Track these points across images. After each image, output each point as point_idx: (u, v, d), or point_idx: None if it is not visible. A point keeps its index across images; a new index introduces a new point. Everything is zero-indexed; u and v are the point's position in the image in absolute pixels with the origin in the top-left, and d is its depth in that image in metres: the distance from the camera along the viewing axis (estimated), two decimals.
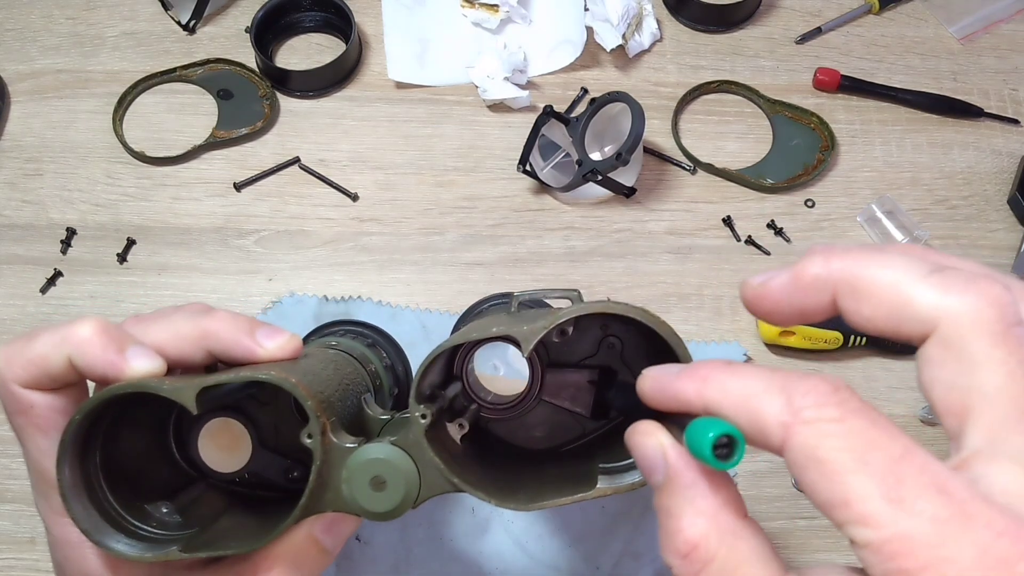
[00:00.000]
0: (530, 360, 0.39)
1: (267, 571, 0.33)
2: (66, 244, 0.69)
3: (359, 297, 0.67)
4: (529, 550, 0.59)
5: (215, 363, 0.35)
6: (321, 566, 0.34)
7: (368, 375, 0.46)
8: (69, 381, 0.33)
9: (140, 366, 0.32)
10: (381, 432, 0.35)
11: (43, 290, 0.68)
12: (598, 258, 0.70)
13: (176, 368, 0.34)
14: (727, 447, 0.23)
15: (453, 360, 0.40)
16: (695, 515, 0.24)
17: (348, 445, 0.32)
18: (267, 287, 0.68)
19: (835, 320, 0.67)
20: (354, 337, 0.58)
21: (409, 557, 0.58)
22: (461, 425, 0.36)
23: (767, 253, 0.70)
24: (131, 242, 0.69)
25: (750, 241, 0.71)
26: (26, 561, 0.59)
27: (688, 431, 0.24)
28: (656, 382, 0.27)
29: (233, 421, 0.37)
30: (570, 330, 0.36)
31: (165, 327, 0.34)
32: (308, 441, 0.32)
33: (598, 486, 0.31)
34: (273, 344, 0.34)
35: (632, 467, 0.32)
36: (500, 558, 0.58)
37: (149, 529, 0.33)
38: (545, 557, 0.59)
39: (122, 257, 0.69)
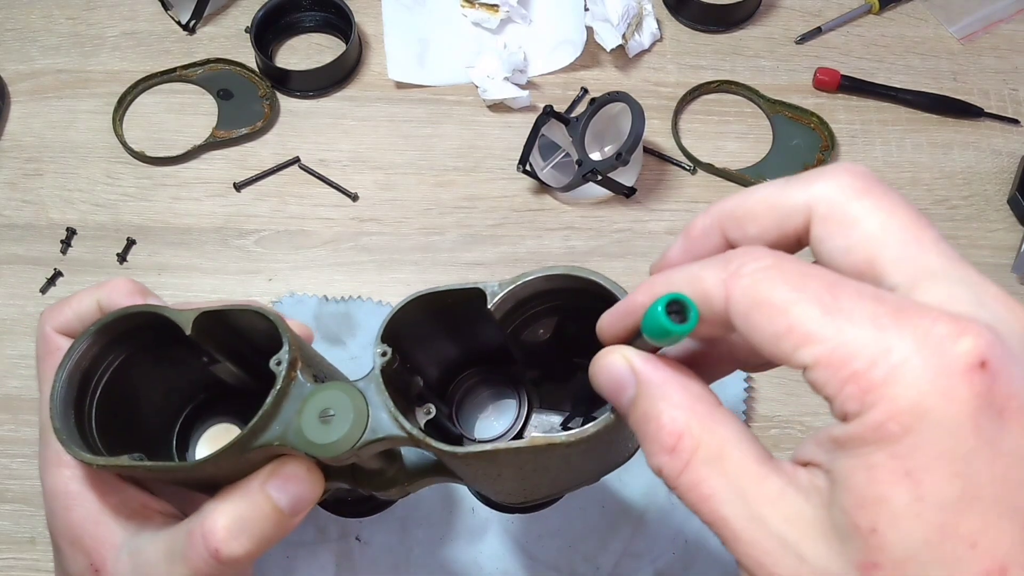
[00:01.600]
0: (519, 402, 0.39)
1: (215, 519, 0.33)
2: (66, 244, 0.69)
3: (359, 297, 0.67)
4: (529, 550, 0.59)
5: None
6: (276, 527, 0.33)
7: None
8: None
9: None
10: None
11: (43, 290, 0.68)
12: (598, 258, 0.70)
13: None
14: (679, 312, 0.24)
15: (449, 383, 0.40)
16: (673, 409, 0.25)
17: (309, 384, 0.33)
18: (267, 287, 0.68)
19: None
20: None
21: (409, 557, 0.58)
22: (428, 412, 0.35)
23: None
24: (131, 242, 0.69)
25: None
26: (26, 561, 0.59)
27: (644, 319, 0.25)
28: (613, 311, 0.28)
29: (234, 427, 0.38)
30: (548, 333, 0.36)
31: (202, 303, 0.37)
32: (275, 367, 0.32)
33: (531, 436, 0.31)
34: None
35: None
36: (500, 558, 0.58)
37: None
38: (545, 557, 0.59)
39: (122, 257, 0.69)
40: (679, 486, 0.24)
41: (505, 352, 0.37)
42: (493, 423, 0.40)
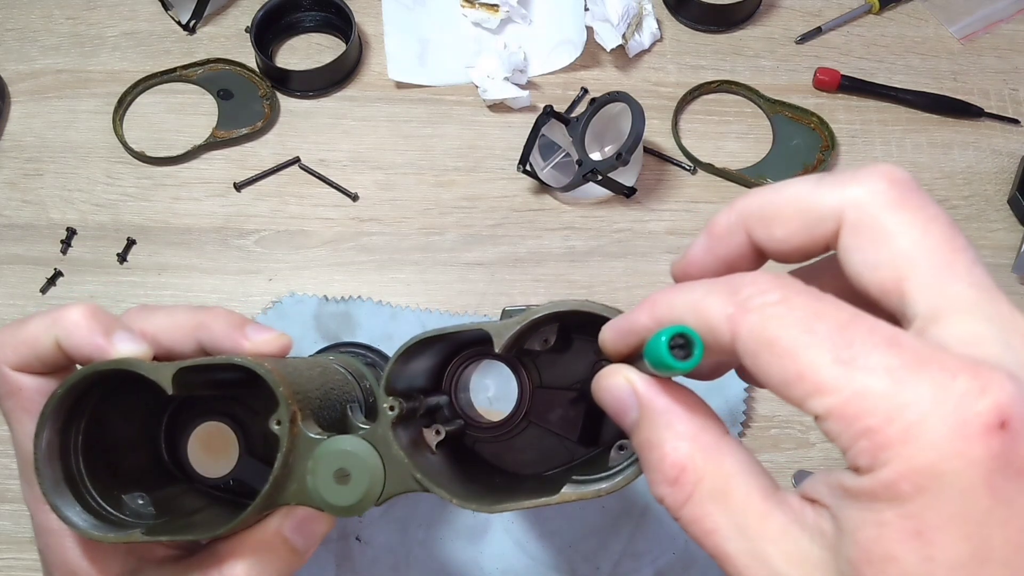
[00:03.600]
0: (520, 380, 0.39)
1: (232, 564, 0.32)
2: (66, 244, 0.69)
3: (359, 297, 0.67)
4: (529, 550, 0.59)
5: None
6: (290, 566, 0.33)
7: (362, 391, 0.46)
8: (58, 364, 0.34)
9: (125, 349, 0.32)
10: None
11: (43, 290, 0.68)
12: (598, 258, 0.70)
13: (168, 358, 0.34)
14: (684, 347, 0.23)
15: (441, 373, 0.39)
16: (676, 439, 0.24)
17: (316, 436, 0.32)
18: (267, 287, 0.68)
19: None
20: (354, 356, 0.58)
21: (409, 558, 0.58)
22: (438, 432, 0.35)
23: None
24: (131, 242, 0.69)
25: None
26: (26, 561, 0.59)
27: (646, 348, 0.24)
28: (613, 326, 0.27)
29: (223, 426, 0.37)
30: (552, 339, 0.35)
31: (164, 316, 0.35)
32: (276, 427, 0.32)
33: (563, 491, 0.31)
34: (259, 338, 0.34)
35: (602, 479, 0.31)
36: (500, 558, 0.58)
37: (120, 516, 0.33)
38: (545, 557, 0.59)
39: (122, 257, 0.69)
40: (681, 518, 0.24)
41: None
42: (495, 402, 0.40)
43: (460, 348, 0.39)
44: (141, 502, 0.34)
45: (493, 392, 0.41)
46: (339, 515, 0.32)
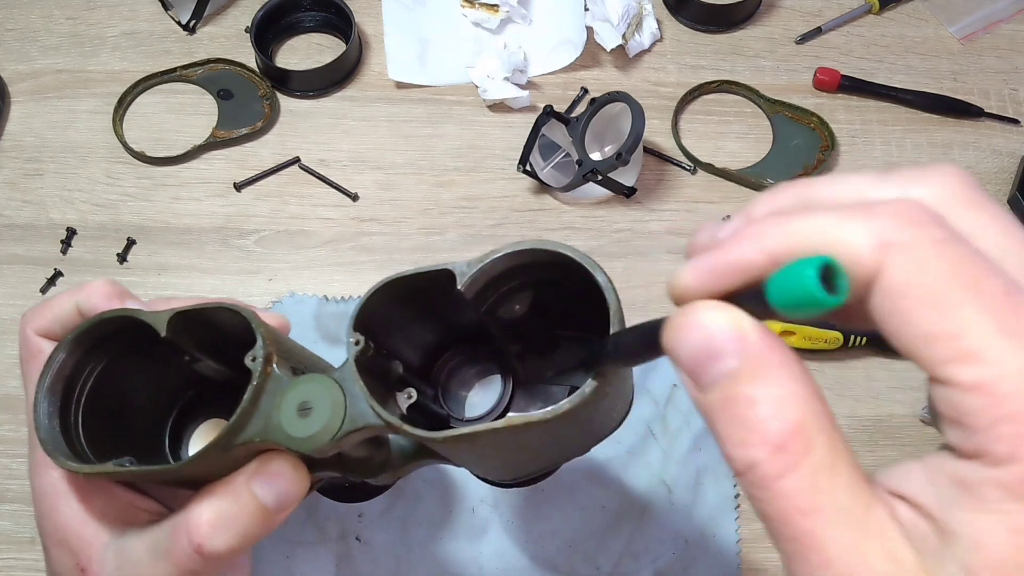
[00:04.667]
0: (504, 379, 0.39)
1: (199, 516, 0.32)
2: (66, 244, 0.69)
3: (359, 297, 0.67)
4: (529, 550, 0.59)
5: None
6: (260, 524, 0.33)
7: None
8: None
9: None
10: None
11: (43, 290, 0.68)
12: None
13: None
14: (827, 280, 0.19)
15: (433, 362, 0.39)
16: (789, 400, 0.20)
17: (287, 378, 0.33)
18: (267, 287, 0.68)
19: (836, 320, 0.67)
20: None
21: (409, 557, 0.58)
22: (410, 396, 0.35)
23: None
24: (131, 242, 0.69)
25: None
26: (26, 561, 0.59)
27: (772, 285, 0.19)
28: (702, 266, 0.22)
29: (224, 423, 0.38)
30: (524, 307, 0.35)
31: (175, 302, 0.37)
32: (250, 363, 0.32)
33: (508, 415, 0.31)
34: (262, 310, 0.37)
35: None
36: (500, 558, 0.58)
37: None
38: (545, 557, 0.59)
39: (122, 257, 0.69)
40: (773, 490, 0.20)
41: (485, 330, 0.37)
42: (480, 401, 0.40)
43: (453, 340, 0.39)
44: (129, 464, 0.35)
45: (479, 399, 0.41)
46: (299, 449, 0.32)
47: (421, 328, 0.38)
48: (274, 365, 0.33)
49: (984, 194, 0.21)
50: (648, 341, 0.24)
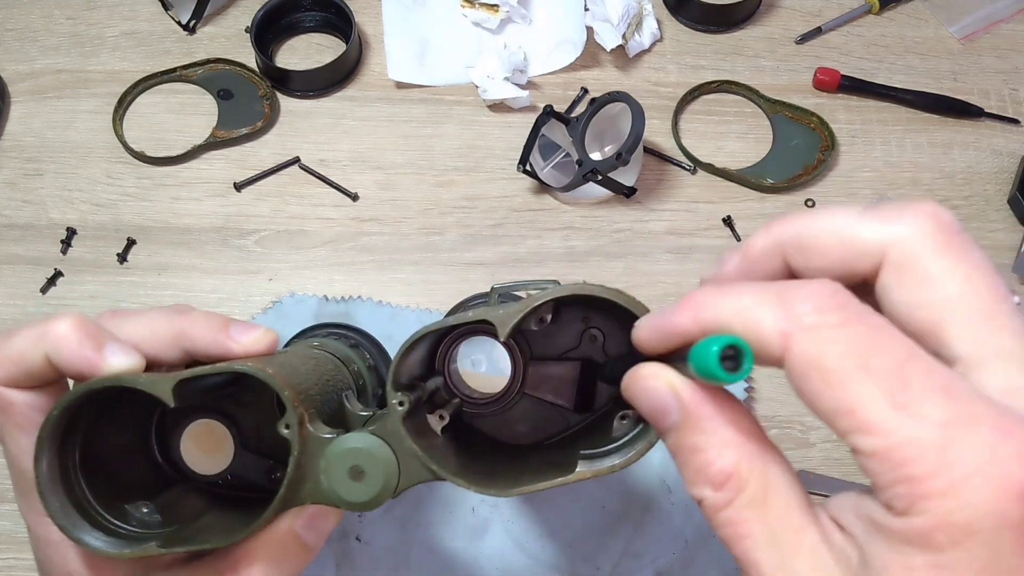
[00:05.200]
0: (512, 354, 0.39)
1: (247, 567, 0.32)
2: (66, 244, 0.69)
3: (359, 297, 0.67)
4: (529, 550, 0.59)
5: (193, 362, 0.35)
6: (302, 562, 0.33)
7: (351, 375, 0.46)
8: (48, 379, 0.33)
9: (117, 363, 0.32)
10: (363, 427, 0.35)
11: (43, 290, 0.68)
12: (598, 258, 0.70)
13: (153, 367, 0.34)
14: (733, 359, 0.22)
15: (435, 355, 0.40)
16: (723, 446, 0.24)
17: (326, 435, 0.32)
18: (267, 287, 0.68)
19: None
20: (337, 338, 0.58)
21: (409, 558, 0.58)
22: (441, 416, 0.35)
23: None
24: (131, 242, 0.69)
25: None
26: (26, 561, 0.59)
27: (692, 354, 0.23)
28: (651, 324, 0.27)
29: (215, 423, 0.37)
30: (548, 317, 0.35)
31: (141, 324, 0.34)
32: (285, 431, 0.32)
33: (577, 470, 0.31)
34: (247, 339, 0.34)
35: (612, 452, 0.31)
36: (500, 558, 0.58)
37: (128, 528, 0.33)
38: (545, 557, 0.59)
39: (122, 257, 0.69)
40: (716, 521, 0.24)
41: None
42: (490, 378, 0.40)
43: (452, 330, 0.39)
44: (146, 510, 0.34)
45: (485, 367, 0.41)
46: (357, 511, 0.32)
47: (430, 344, 0.38)
48: (308, 426, 0.32)
49: (958, 236, 0.23)
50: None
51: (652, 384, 0.26)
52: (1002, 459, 0.19)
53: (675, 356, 0.26)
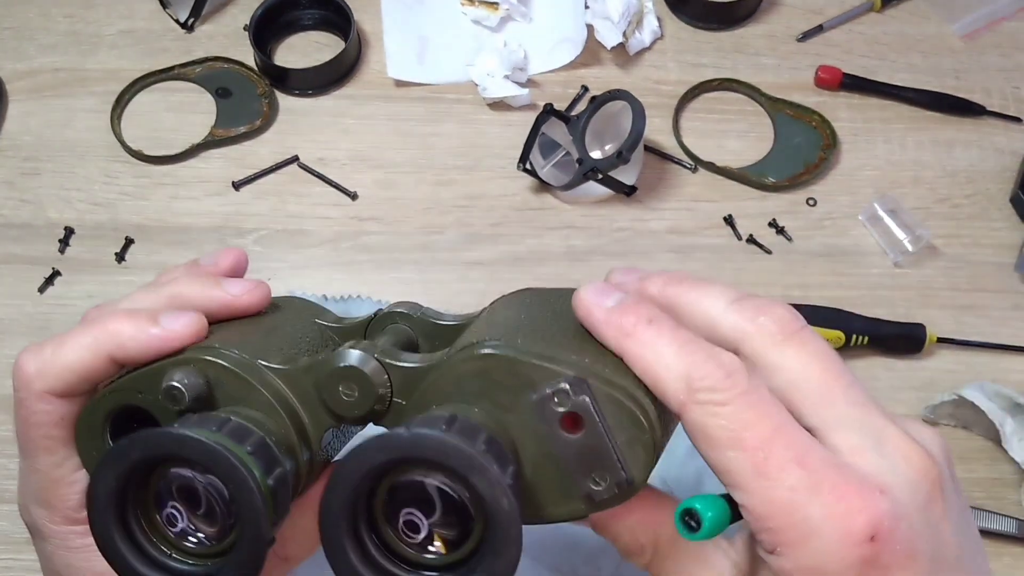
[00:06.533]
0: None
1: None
2: (64, 243, 0.69)
3: (359, 296, 0.66)
4: (529, 550, 0.59)
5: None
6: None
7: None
8: (103, 381, 0.33)
9: (183, 330, 0.32)
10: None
11: (41, 289, 0.67)
12: (599, 257, 0.70)
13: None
14: (694, 518, 0.27)
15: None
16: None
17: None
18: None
19: (837, 319, 0.67)
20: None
21: None
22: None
23: (768, 252, 0.70)
24: (129, 241, 0.69)
25: (751, 240, 0.70)
26: (25, 561, 0.59)
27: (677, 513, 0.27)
28: (586, 309, 0.30)
29: None
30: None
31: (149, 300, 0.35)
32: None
33: None
34: (237, 290, 0.36)
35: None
36: None
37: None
38: (545, 557, 0.58)
39: (120, 256, 0.69)
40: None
41: None
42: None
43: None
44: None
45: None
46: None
47: None
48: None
49: (797, 333, 0.28)
50: None
51: (632, 522, 0.31)
52: (840, 515, 0.25)
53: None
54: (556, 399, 0.28)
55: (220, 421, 0.30)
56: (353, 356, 0.31)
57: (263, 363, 0.32)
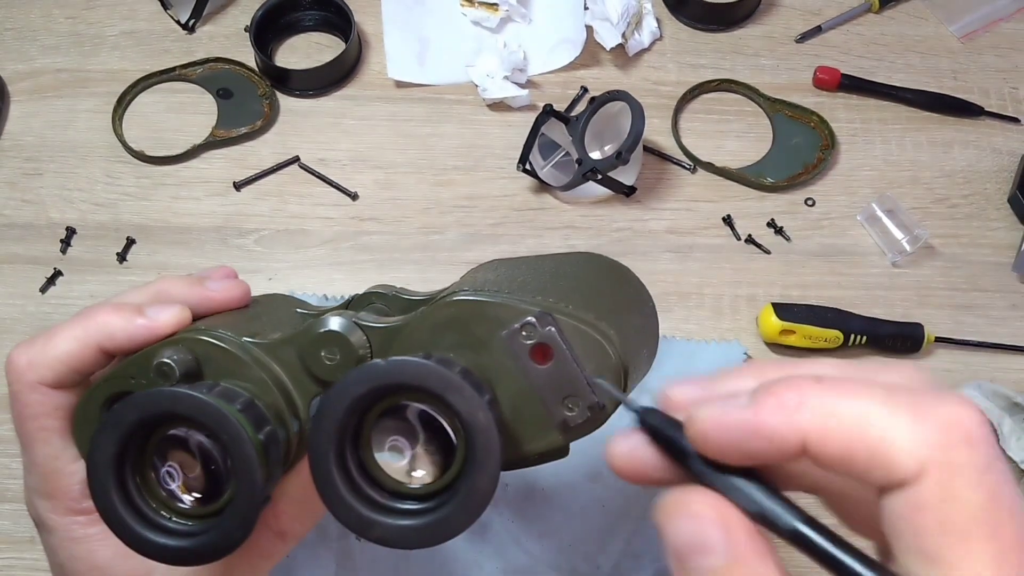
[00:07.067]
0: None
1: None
2: (66, 243, 0.69)
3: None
4: (529, 550, 0.59)
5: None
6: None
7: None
8: (94, 372, 0.34)
9: (166, 317, 0.34)
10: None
11: (43, 289, 0.68)
12: None
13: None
14: None
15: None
16: None
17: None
18: (267, 286, 0.68)
19: (836, 319, 0.67)
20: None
21: (409, 557, 0.58)
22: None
23: (767, 252, 0.70)
24: (131, 241, 0.69)
25: (750, 240, 0.71)
26: (26, 560, 0.59)
27: None
28: (723, 420, 0.21)
29: None
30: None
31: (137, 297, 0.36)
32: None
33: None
34: (220, 285, 0.37)
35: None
36: (500, 558, 0.58)
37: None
38: (545, 557, 0.59)
39: (122, 256, 0.69)
40: None
41: None
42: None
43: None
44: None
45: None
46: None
47: None
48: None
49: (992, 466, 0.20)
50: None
51: (700, 510, 0.21)
52: None
53: (740, 472, 0.21)
54: (524, 332, 0.30)
55: (209, 386, 0.31)
56: (333, 321, 0.33)
57: (248, 339, 0.33)
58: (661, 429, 0.23)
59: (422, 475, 0.29)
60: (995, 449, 0.19)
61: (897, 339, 0.65)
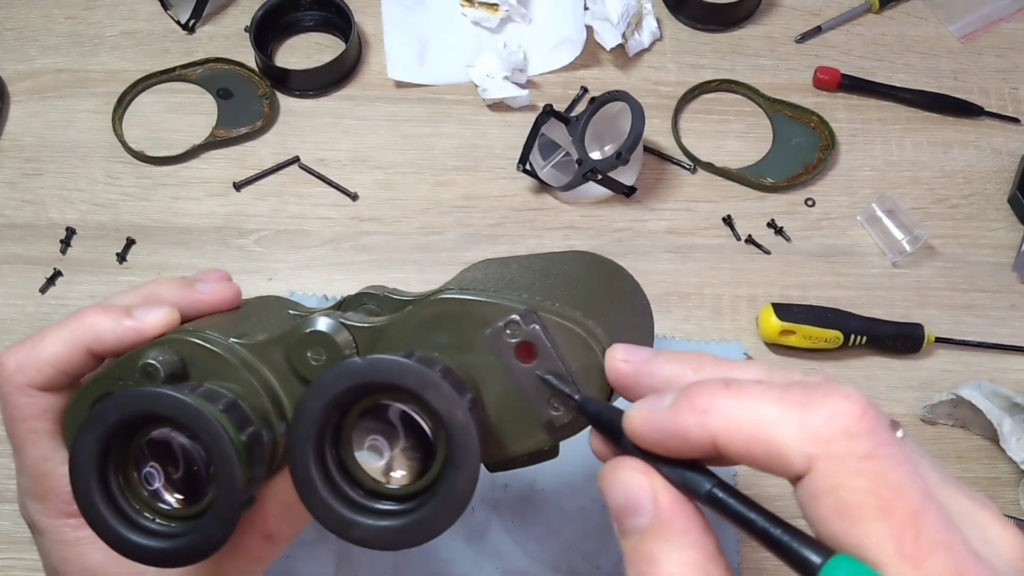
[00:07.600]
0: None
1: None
2: (65, 244, 0.69)
3: None
4: (529, 550, 0.59)
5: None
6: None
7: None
8: (83, 374, 0.34)
9: (154, 319, 0.34)
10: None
11: (43, 290, 0.68)
12: None
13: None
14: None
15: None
16: (684, 564, 0.23)
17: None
18: (267, 287, 0.68)
19: (836, 319, 0.67)
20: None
21: (408, 557, 0.58)
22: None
23: (767, 252, 0.70)
24: (131, 242, 0.69)
25: (750, 240, 0.71)
26: (26, 561, 0.59)
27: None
28: (649, 418, 0.24)
29: None
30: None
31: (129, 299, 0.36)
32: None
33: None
34: (209, 288, 0.37)
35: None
36: (500, 558, 0.58)
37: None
38: (545, 557, 0.59)
39: (122, 257, 0.69)
40: None
41: None
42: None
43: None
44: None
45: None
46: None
47: None
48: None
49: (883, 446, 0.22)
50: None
51: (632, 481, 0.24)
52: None
53: (664, 460, 0.24)
54: (508, 331, 0.29)
55: (192, 386, 0.31)
56: (319, 321, 0.33)
57: (235, 341, 0.33)
58: (598, 416, 0.27)
59: (401, 475, 0.29)
60: (880, 436, 0.21)
61: (897, 339, 0.65)
